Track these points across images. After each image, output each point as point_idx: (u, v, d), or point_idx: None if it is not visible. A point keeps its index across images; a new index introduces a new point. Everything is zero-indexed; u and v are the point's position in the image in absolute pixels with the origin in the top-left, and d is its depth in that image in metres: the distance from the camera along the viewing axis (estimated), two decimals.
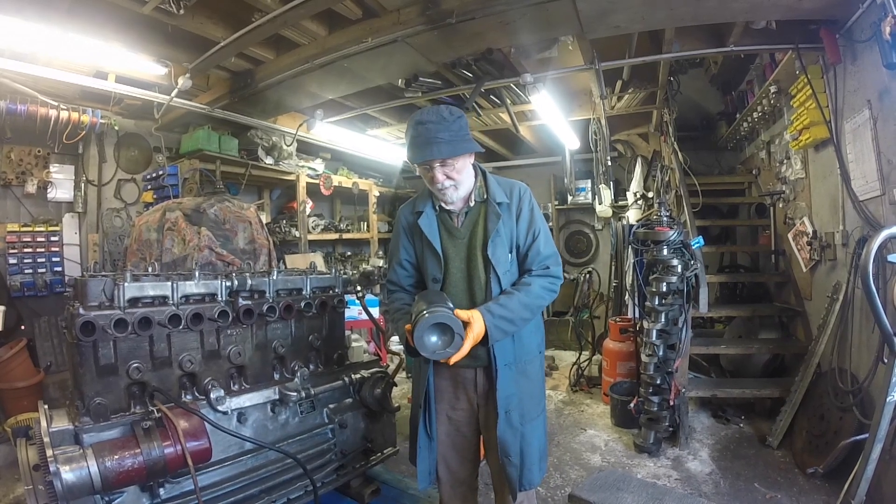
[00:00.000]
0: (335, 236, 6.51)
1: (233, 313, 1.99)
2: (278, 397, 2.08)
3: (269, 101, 4.29)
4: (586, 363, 4.89)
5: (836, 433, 2.80)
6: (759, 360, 4.07)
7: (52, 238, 4.32)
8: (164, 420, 1.64)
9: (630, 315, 4.60)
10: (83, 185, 4.51)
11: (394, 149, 6.24)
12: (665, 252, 3.28)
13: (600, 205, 6.37)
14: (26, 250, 4.17)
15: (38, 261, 4.23)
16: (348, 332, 3.08)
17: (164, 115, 4.23)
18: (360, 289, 2.72)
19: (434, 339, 1.50)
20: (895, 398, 1.84)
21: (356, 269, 5.53)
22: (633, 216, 5.49)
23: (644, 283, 3.60)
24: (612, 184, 6.25)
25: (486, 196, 1.79)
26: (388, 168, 7.34)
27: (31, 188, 4.23)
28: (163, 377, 1.84)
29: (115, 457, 1.50)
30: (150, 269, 2.05)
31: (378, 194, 7.26)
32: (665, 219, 3.44)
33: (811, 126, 3.23)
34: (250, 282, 2.07)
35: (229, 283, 2.03)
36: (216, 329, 1.97)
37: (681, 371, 3.38)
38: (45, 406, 1.69)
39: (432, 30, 2.97)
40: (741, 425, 3.69)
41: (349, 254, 7.20)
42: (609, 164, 5.94)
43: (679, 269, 3.24)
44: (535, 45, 3.44)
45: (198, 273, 1.97)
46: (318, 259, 5.43)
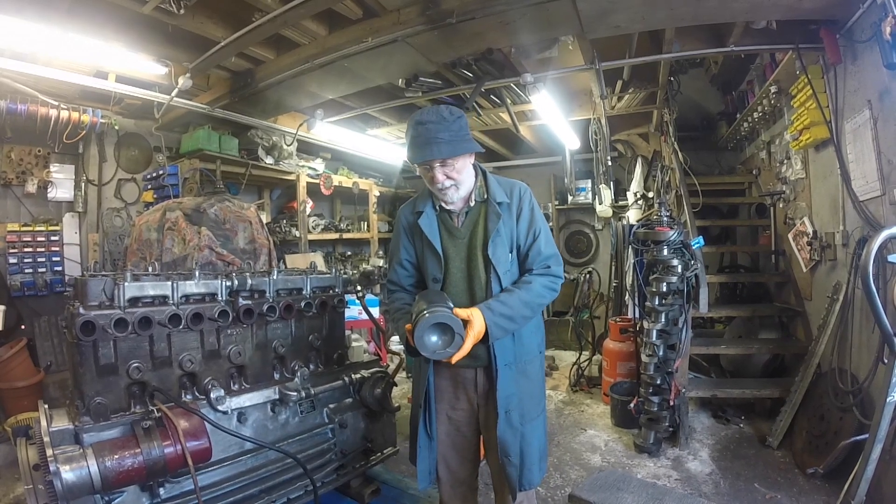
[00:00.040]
0: (335, 236, 6.51)
1: (233, 313, 1.99)
2: (278, 397, 2.08)
3: (269, 101, 4.29)
4: (586, 363, 4.89)
5: (836, 433, 2.80)
6: (759, 361, 4.07)
7: (53, 238, 4.32)
8: (164, 420, 1.64)
9: (630, 315, 4.60)
10: (83, 184, 4.52)
11: (394, 149, 6.23)
12: (665, 252, 3.28)
13: (600, 205, 6.36)
14: (26, 250, 4.18)
15: (39, 260, 4.23)
16: (348, 332, 3.08)
17: (165, 115, 4.24)
18: (360, 289, 2.72)
19: (434, 339, 1.50)
20: (895, 398, 1.84)
21: (356, 269, 5.51)
22: (633, 216, 5.49)
23: (644, 283, 3.60)
24: (612, 184, 6.24)
25: (486, 196, 1.79)
26: (388, 168, 7.34)
27: (32, 188, 4.24)
28: (163, 377, 1.84)
29: (115, 456, 1.50)
30: (151, 269, 2.06)
31: (378, 194, 7.27)
32: (665, 219, 3.44)
33: (811, 126, 3.23)
34: (250, 281, 2.07)
35: (229, 283, 2.03)
36: (216, 329, 1.98)
37: (681, 371, 3.38)
38: (45, 406, 1.69)
39: (432, 30, 2.97)
40: (741, 425, 3.69)
41: (349, 254, 7.20)
42: (609, 164, 5.93)
43: (679, 270, 3.24)
44: (535, 45, 3.44)
45: (198, 273, 1.98)
46: (318, 259, 5.43)
